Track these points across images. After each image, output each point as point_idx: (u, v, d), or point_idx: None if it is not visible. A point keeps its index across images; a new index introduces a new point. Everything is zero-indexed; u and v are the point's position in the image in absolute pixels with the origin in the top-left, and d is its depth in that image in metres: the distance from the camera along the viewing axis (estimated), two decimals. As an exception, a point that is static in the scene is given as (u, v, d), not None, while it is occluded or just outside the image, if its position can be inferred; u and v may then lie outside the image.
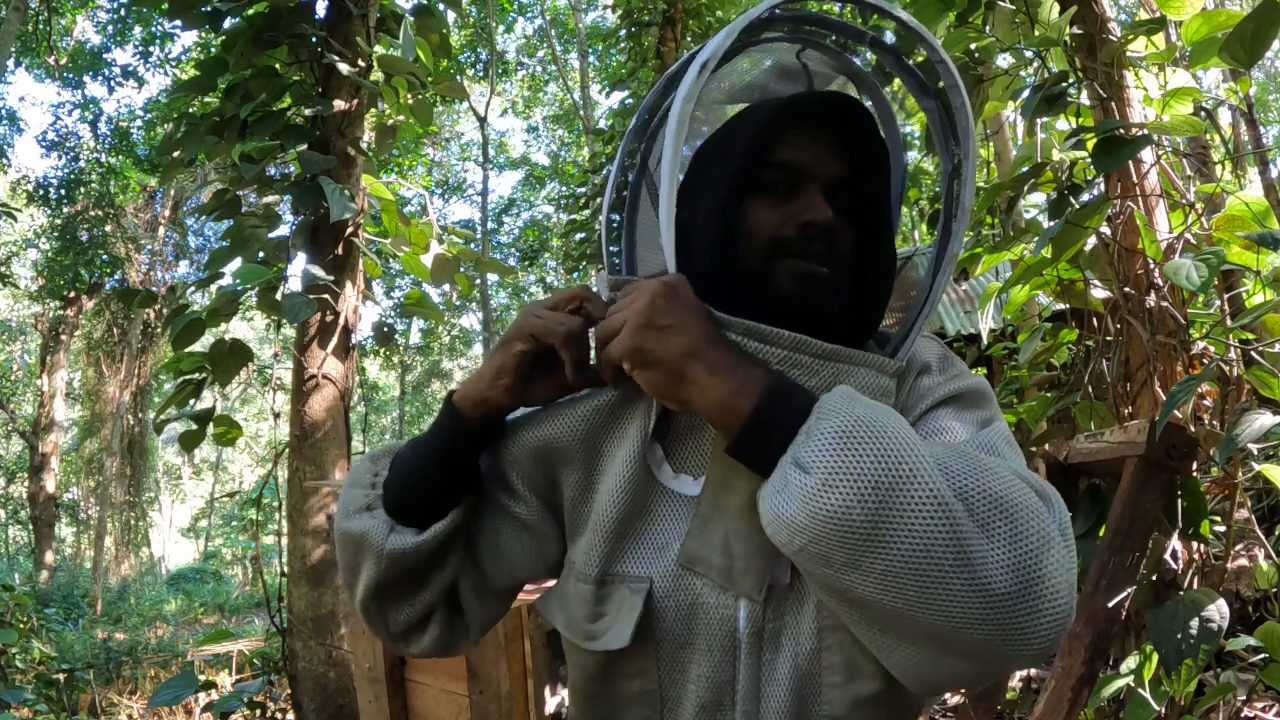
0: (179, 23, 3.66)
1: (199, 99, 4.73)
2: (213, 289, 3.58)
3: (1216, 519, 2.17)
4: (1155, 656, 1.83)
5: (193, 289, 4.38)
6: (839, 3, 0.85)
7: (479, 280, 15.09)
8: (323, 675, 3.36)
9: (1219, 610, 1.76)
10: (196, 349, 3.43)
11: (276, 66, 3.66)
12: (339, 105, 3.60)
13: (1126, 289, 2.49)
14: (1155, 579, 2.07)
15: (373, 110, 3.94)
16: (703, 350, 0.68)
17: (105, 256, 13.66)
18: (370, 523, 0.78)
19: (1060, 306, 3.01)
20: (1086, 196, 2.48)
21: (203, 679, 3.16)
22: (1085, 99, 2.60)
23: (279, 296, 3.46)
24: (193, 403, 3.47)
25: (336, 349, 3.54)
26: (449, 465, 0.79)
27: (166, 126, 10.02)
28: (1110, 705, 2.11)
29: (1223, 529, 2.18)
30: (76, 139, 13.32)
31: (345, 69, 3.49)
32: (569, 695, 0.87)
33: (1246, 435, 1.71)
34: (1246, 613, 2.51)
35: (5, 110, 12.91)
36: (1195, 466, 2.04)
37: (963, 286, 8.72)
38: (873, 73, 0.91)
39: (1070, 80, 2.48)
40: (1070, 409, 2.72)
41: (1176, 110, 2.38)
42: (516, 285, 21.50)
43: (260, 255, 3.53)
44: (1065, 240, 2.33)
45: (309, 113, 3.55)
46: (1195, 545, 2.15)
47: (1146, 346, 2.44)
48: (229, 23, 3.59)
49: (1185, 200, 2.50)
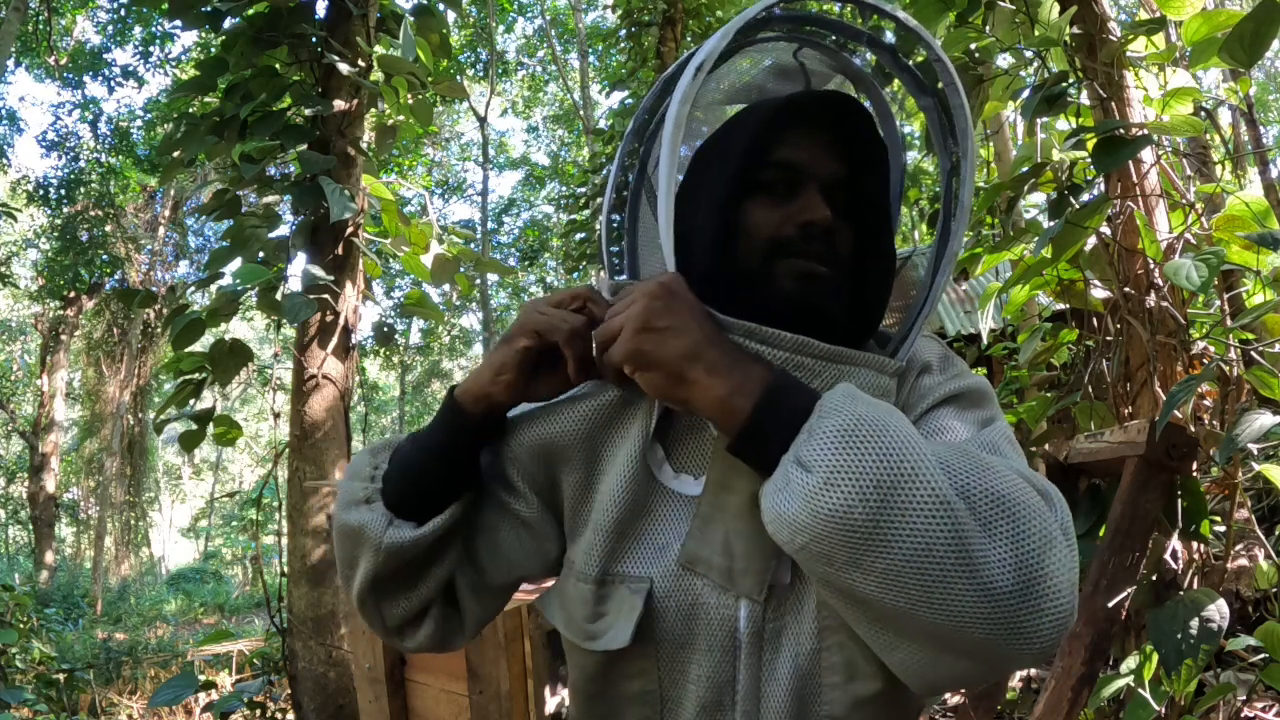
0: (179, 23, 3.66)
1: (199, 99, 4.73)
2: (213, 289, 3.58)
3: (1216, 519, 2.17)
4: (1155, 656, 1.83)
5: (193, 289, 4.38)
6: (838, 2, 0.85)
7: (479, 280, 15.10)
8: (323, 675, 3.36)
9: (1219, 610, 1.76)
10: (196, 349, 3.43)
11: (276, 66, 3.65)
12: (339, 105, 3.60)
13: (1126, 289, 2.49)
14: (1155, 579, 2.07)
15: (373, 110, 3.93)
16: (701, 350, 0.68)
17: (105, 256, 13.66)
18: (368, 515, 0.78)
19: (1060, 306, 3.01)
20: (1086, 196, 2.48)
21: (203, 679, 3.15)
22: (1085, 99, 2.60)
23: (279, 296, 3.46)
24: (193, 403, 3.47)
25: (336, 349, 3.54)
26: (449, 460, 0.79)
27: (166, 126, 10.02)
28: (1110, 705, 2.11)
29: (1223, 529, 2.17)
30: (76, 139, 13.32)
31: (345, 69, 3.49)
32: (569, 695, 0.87)
33: (1246, 435, 1.71)
34: (1246, 613, 2.51)
35: (5, 110, 12.92)
36: (1195, 466, 2.04)
37: (963, 286, 8.72)
38: (871, 72, 0.91)
39: (1070, 80, 2.48)
40: (1070, 409, 2.72)
41: (1176, 110, 2.38)
42: (516, 285, 21.50)
43: (260, 255, 3.53)
44: (1065, 240, 2.33)
45: (309, 113, 3.55)
46: (1195, 545, 2.15)
47: (1146, 346, 2.44)
48: (229, 23, 3.59)
49: (1185, 200, 2.50)
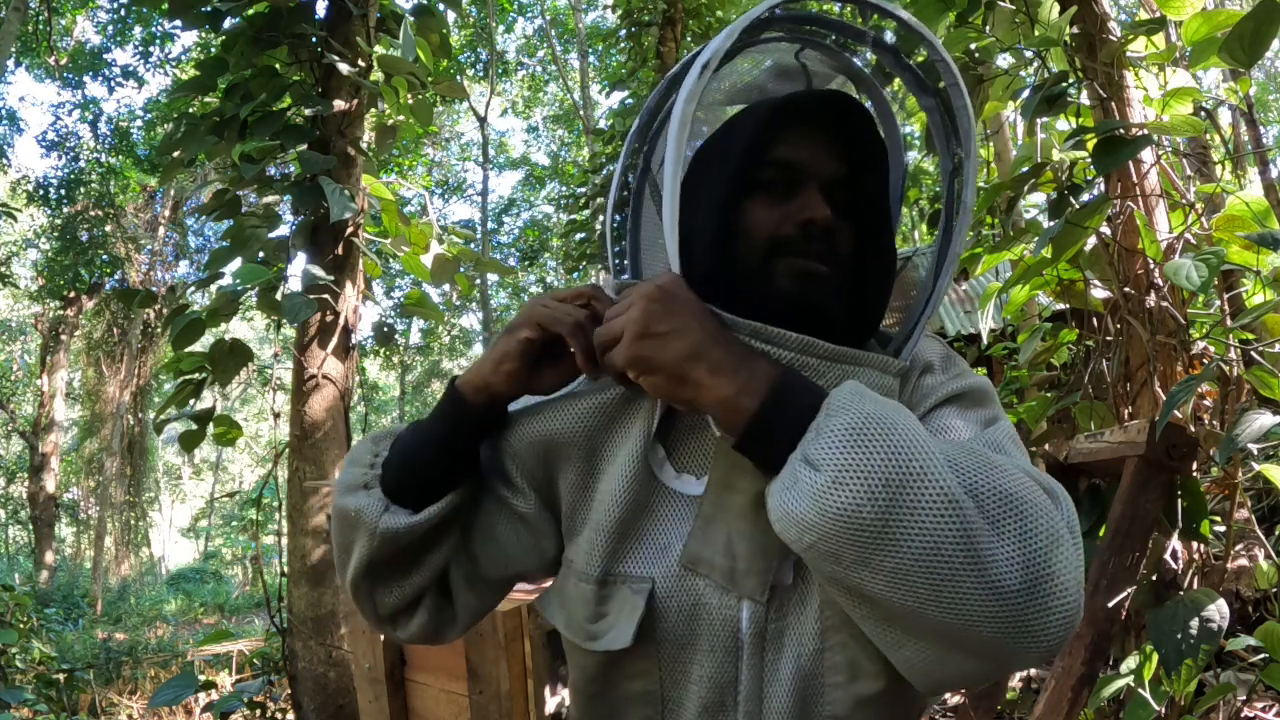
0: (179, 23, 3.66)
1: (199, 99, 4.73)
2: (213, 289, 3.57)
3: (1216, 519, 2.17)
4: (1155, 656, 1.83)
5: (193, 289, 4.38)
6: (839, 2, 0.85)
7: (479, 280, 15.10)
8: (323, 675, 3.36)
9: (1219, 610, 1.76)
10: (196, 349, 3.43)
11: (276, 66, 3.65)
12: (339, 105, 3.60)
13: (1126, 289, 2.49)
14: (1155, 579, 2.07)
15: (373, 110, 3.93)
16: (703, 351, 0.68)
17: (105, 256, 13.66)
18: (366, 500, 0.78)
19: (1060, 306, 3.01)
20: (1086, 196, 2.48)
21: (203, 679, 3.15)
22: (1085, 99, 2.60)
23: (279, 296, 3.46)
24: (193, 403, 3.47)
25: (336, 349, 3.54)
26: (449, 449, 0.79)
27: (166, 126, 10.02)
28: (1110, 705, 2.11)
29: (1223, 529, 2.17)
30: (76, 139, 13.32)
31: (345, 69, 3.49)
32: (570, 695, 0.87)
33: (1246, 435, 1.71)
34: (1246, 613, 2.51)
35: (5, 110, 12.92)
36: (1195, 466, 2.04)
37: (963, 286, 8.73)
38: (872, 72, 0.91)
39: (1070, 80, 2.48)
40: (1070, 409, 2.71)
41: (1176, 110, 2.38)
42: (516, 285, 21.51)
43: (260, 255, 3.53)
44: (1065, 240, 2.33)
45: (309, 113, 3.55)
46: (1195, 545, 2.15)
47: (1146, 346, 2.44)
48: (229, 23, 3.59)
49: (1185, 200, 2.50)
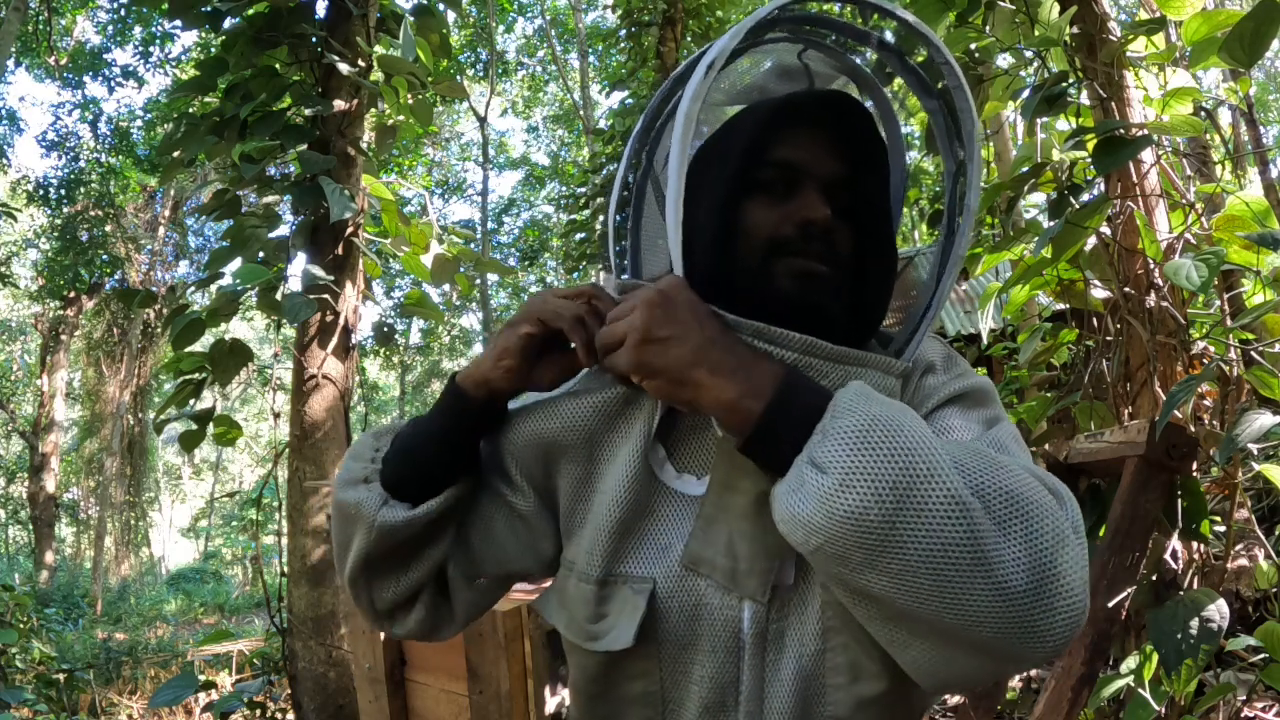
0: (179, 23, 3.66)
1: (199, 99, 4.73)
2: (213, 289, 3.57)
3: (1216, 519, 2.16)
4: (1155, 656, 1.83)
5: (193, 289, 4.38)
6: (840, 3, 0.85)
7: (479, 280, 15.10)
8: (323, 675, 3.36)
9: (1219, 610, 1.75)
10: (196, 349, 3.43)
11: (276, 66, 3.65)
12: (339, 105, 3.60)
13: (1126, 289, 2.49)
14: (1155, 579, 2.07)
15: (373, 110, 3.93)
16: (705, 354, 0.68)
17: (105, 256, 13.66)
18: (365, 494, 0.79)
19: (1060, 306, 3.01)
20: (1086, 196, 2.48)
21: (203, 679, 3.15)
22: (1085, 99, 2.60)
23: (279, 296, 3.46)
24: (193, 403, 3.47)
25: (336, 349, 3.54)
26: (449, 444, 0.79)
27: (166, 126, 10.01)
28: (1110, 705, 2.11)
29: (1223, 529, 2.17)
30: (76, 139, 13.32)
31: (345, 69, 3.49)
32: (570, 695, 0.87)
33: (1246, 435, 1.71)
34: (1246, 613, 2.51)
35: (5, 110, 12.92)
36: (1195, 466, 2.03)
37: (963, 286, 8.72)
38: (874, 72, 0.91)
39: (1070, 80, 2.48)
40: (1070, 409, 2.71)
41: (1176, 110, 2.38)
42: (516, 285, 21.50)
43: (260, 255, 3.53)
44: (1065, 240, 2.33)
45: (309, 113, 3.55)
46: (1195, 545, 2.15)
47: (1146, 346, 2.43)
48: (229, 23, 3.59)
49: (1185, 200, 2.50)
